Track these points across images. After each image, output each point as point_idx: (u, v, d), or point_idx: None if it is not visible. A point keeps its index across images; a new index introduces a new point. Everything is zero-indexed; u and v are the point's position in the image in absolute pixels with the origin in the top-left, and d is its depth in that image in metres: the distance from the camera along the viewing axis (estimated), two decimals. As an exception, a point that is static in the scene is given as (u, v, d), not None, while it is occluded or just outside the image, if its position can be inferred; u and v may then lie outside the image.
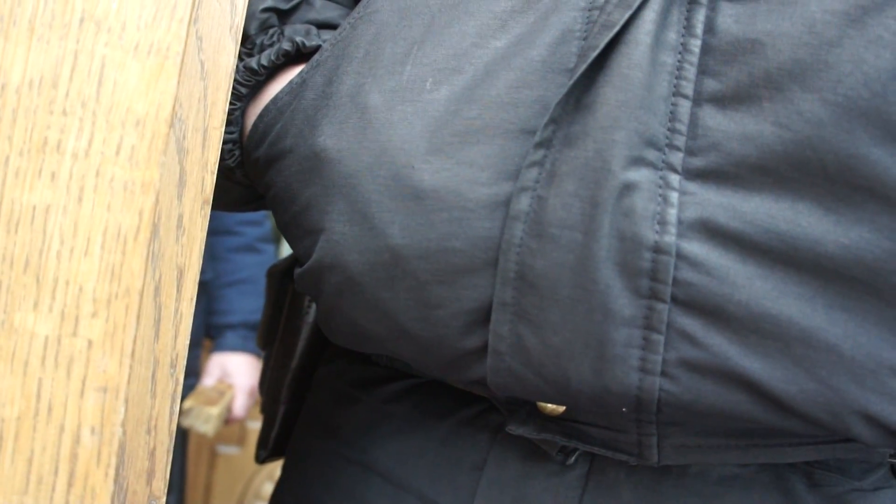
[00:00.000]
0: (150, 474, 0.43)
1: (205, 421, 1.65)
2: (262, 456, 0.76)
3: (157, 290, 0.42)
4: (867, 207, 0.43)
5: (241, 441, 2.56)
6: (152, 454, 0.43)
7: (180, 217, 0.43)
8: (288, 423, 0.73)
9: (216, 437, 2.40)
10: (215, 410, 1.65)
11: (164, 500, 0.44)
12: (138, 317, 0.41)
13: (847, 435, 0.45)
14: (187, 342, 0.44)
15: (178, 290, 0.44)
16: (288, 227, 0.55)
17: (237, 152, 0.58)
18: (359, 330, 0.53)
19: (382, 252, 0.49)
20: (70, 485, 0.40)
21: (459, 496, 0.56)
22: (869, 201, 0.43)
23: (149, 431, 0.43)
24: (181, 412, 1.69)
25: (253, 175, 0.58)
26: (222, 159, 0.57)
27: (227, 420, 1.76)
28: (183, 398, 1.74)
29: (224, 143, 0.56)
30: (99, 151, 0.41)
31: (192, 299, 0.44)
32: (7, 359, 0.40)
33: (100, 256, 0.41)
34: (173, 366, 0.44)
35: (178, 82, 0.42)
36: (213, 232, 1.83)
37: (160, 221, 0.42)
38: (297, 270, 0.55)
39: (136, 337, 0.41)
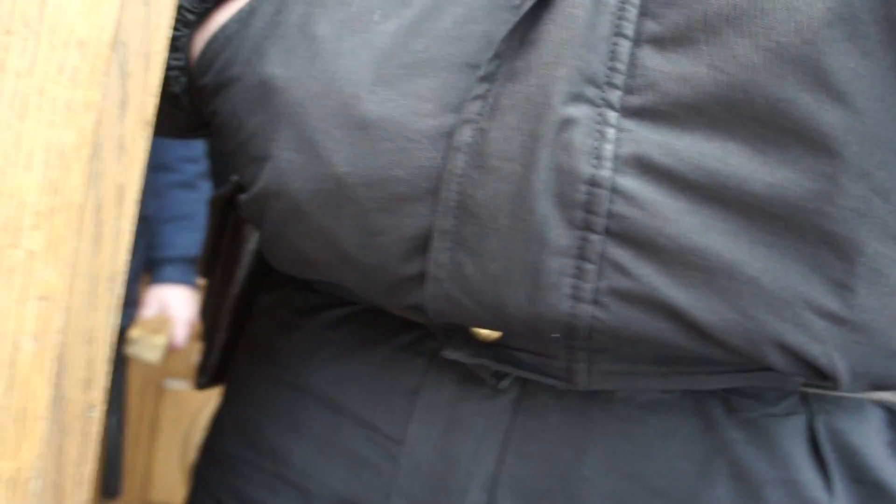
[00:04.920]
0: (88, 383, 0.45)
1: (151, 349, 1.67)
2: (202, 383, 0.77)
3: (97, 206, 0.44)
4: (792, 150, 0.45)
5: (187, 375, 2.57)
6: (90, 364, 0.45)
7: (122, 138, 0.45)
8: (227, 350, 0.74)
9: (162, 373, 2.41)
10: (162, 339, 1.67)
11: (100, 409, 0.46)
12: (79, 231, 0.43)
13: (763, 363, 0.47)
14: (127, 259, 0.46)
15: (119, 208, 0.45)
16: (234, 155, 0.56)
17: (183, 79, 0.58)
18: (302, 257, 0.54)
19: (327, 180, 0.50)
20: (10, 388, 0.42)
21: (395, 419, 0.57)
22: (794, 144, 0.45)
23: (88, 342, 0.45)
24: (127, 341, 1.70)
25: (199, 102, 0.59)
26: (169, 85, 0.58)
27: (169, 350, 1.78)
28: (125, 328, 1.76)
29: (170, 69, 0.57)
30: (42, 71, 0.43)
31: (131, 218, 0.46)
32: (-50, 266, 0.42)
33: (42, 172, 0.43)
34: (113, 280, 0.45)
35: (120, 7, 0.44)
36: (153, 168, 1.84)
37: (102, 141, 0.44)
38: (242, 197, 0.56)
39: (76, 250, 0.43)
